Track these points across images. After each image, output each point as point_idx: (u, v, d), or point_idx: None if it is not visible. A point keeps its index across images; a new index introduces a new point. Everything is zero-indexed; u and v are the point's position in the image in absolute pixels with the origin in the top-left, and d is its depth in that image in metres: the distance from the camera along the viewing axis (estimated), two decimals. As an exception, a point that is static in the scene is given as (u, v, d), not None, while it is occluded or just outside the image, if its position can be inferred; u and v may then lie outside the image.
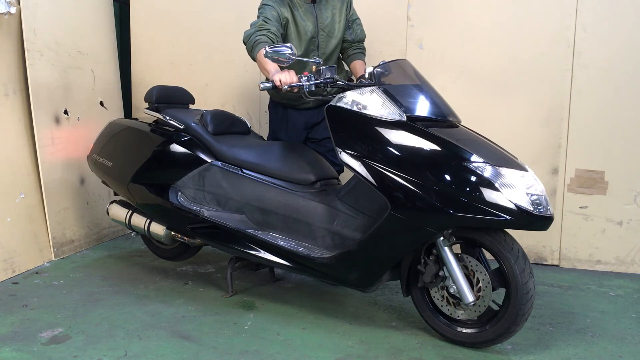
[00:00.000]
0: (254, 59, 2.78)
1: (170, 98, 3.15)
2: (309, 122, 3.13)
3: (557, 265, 3.55)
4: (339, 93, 2.46)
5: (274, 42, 2.75)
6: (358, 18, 3.18)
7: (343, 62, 3.22)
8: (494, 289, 2.26)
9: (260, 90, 2.49)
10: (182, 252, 3.24)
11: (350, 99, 2.40)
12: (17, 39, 3.16)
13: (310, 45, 2.98)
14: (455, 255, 2.28)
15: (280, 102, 3.14)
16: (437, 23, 3.59)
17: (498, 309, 2.28)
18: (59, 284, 2.97)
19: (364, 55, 3.20)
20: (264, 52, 2.41)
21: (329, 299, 2.85)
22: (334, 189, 2.67)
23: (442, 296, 2.36)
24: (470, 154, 2.20)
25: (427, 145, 2.24)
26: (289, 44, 2.42)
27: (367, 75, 2.45)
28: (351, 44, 3.16)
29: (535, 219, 2.13)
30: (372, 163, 2.29)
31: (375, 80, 2.41)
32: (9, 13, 3.00)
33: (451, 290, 2.29)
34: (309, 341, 2.37)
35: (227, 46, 3.93)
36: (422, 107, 2.37)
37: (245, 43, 2.82)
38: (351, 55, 3.16)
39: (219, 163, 2.81)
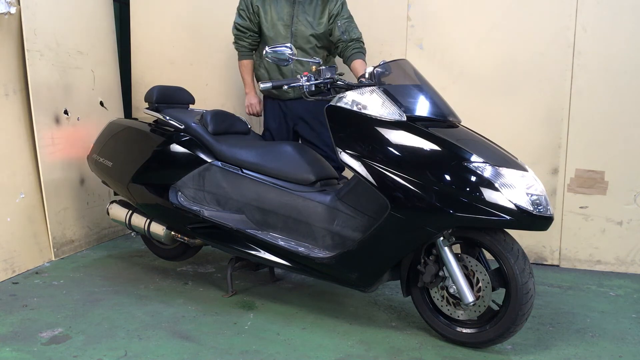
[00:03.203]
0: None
1: (170, 98, 3.15)
2: (289, 112, 3.29)
3: (557, 265, 3.55)
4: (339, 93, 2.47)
5: (249, 53, 3.31)
6: (349, 17, 3.22)
7: (345, 64, 3.23)
8: (494, 289, 2.26)
9: (260, 90, 2.50)
10: (182, 252, 3.24)
11: (350, 99, 2.40)
12: (17, 39, 3.16)
13: (285, 32, 3.17)
14: (455, 255, 2.28)
15: (269, 95, 3.33)
16: (437, 23, 3.59)
17: (498, 309, 2.28)
18: (59, 284, 2.97)
19: (363, 54, 3.21)
20: (264, 52, 2.48)
21: (329, 299, 2.85)
22: (334, 189, 2.67)
23: (442, 296, 2.35)
24: (470, 154, 2.20)
25: (427, 145, 2.24)
26: (288, 44, 2.43)
27: (367, 75, 2.45)
28: (347, 44, 3.17)
29: (535, 219, 2.13)
30: (372, 163, 2.29)
31: (375, 80, 2.41)
32: (9, 13, 3.00)
33: (451, 290, 2.29)
34: (309, 341, 2.37)
35: (227, 46, 3.92)
36: (422, 107, 2.37)
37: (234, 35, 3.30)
38: (350, 55, 3.17)
39: (219, 163, 2.81)
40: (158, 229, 2.99)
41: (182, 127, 2.90)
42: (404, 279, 2.42)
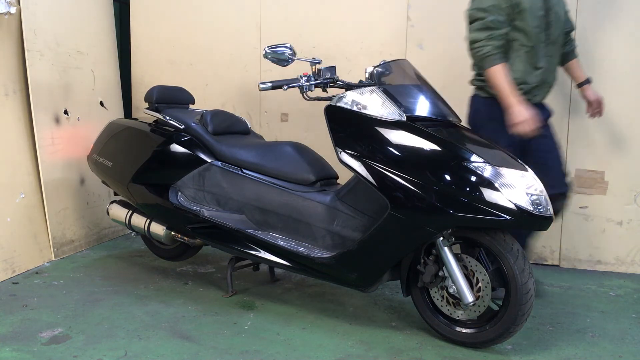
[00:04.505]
0: (482, 69, 2.66)
1: (170, 98, 3.15)
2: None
3: (557, 265, 3.55)
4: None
5: (503, 55, 2.62)
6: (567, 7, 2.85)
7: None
8: (493, 289, 2.26)
9: (260, 90, 2.49)
10: (182, 252, 3.24)
11: (350, 99, 2.40)
12: (17, 39, 3.16)
13: (541, 22, 2.64)
14: (455, 255, 2.28)
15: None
16: (437, 23, 3.58)
17: (498, 309, 2.28)
18: (59, 284, 2.97)
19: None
20: (264, 53, 2.45)
21: (329, 299, 2.85)
22: (334, 189, 2.67)
23: (442, 296, 2.36)
24: (470, 153, 2.20)
25: (427, 145, 2.24)
26: (288, 44, 2.43)
27: (367, 75, 2.45)
28: (565, 37, 2.86)
29: (535, 219, 2.13)
30: (372, 163, 2.29)
31: (375, 80, 2.41)
32: (9, 13, 3.00)
33: (451, 291, 2.29)
34: (309, 341, 2.37)
35: (227, 46, 3.93)
36: (422, 107, 2.38)
37: (471, 43, 2.66)
38: (570, 51, 2.91)
39: (219, 163, 2.81)
40: (158, 229, 2.99)
41: (182, 127, 2.91)
42: (404, 279, 2.42)
